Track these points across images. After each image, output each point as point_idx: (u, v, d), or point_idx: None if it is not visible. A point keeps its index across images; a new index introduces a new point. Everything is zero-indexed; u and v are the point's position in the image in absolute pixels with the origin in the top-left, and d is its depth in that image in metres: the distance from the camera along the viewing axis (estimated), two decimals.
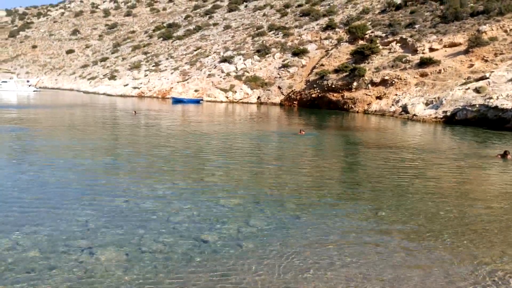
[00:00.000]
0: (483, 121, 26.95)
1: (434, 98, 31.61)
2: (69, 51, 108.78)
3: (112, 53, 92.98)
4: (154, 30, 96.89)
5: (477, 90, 29.07)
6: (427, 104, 31.78)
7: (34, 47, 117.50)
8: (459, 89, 30.49)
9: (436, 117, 29.78)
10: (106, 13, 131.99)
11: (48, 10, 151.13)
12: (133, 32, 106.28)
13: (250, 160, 15.83)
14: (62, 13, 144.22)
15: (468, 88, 29.91)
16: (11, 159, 14.86)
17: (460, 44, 36.97)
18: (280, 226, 8.73)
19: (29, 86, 75.47)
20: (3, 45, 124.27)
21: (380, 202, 10.54)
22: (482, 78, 30.26)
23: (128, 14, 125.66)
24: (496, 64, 32.38)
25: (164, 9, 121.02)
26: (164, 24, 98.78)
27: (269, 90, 49.13)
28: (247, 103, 48.38)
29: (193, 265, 6.99)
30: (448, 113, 29.13)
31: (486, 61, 33.73)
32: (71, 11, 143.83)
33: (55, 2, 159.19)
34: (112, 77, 71.84)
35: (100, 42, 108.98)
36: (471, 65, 34.11)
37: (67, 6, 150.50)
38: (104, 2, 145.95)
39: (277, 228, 8.62)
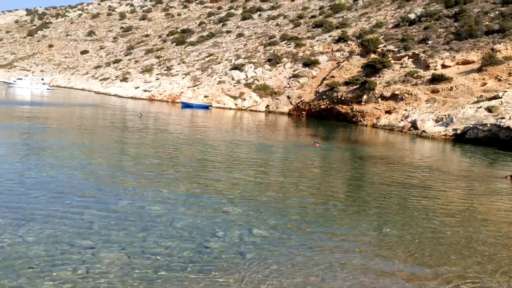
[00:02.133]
0: (494, 141, 26.63)
1: (445, 115, 31.39)
2: (84, 52, 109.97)
3: (126, 55, 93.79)
4: (168, 35, 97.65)
5: (489, 109, 28.82)
6: (437, 121, 31.57)
7: (50, 46, 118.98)
8: (470, 107, 30.26)
9: (445, 135, 29.55)
10: (122, 16, 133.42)
11: (67, 11, 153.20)
12: (147, 36, 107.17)
13: (257, 170, 15.82)
14: (80, 15, 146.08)
15: (480, 107, 29.66)
16: (21, 156, 14.98)
17: (473, 62, 36.75)
18: (283, 237, 8.69)
19: (43, 84, 76.28)
20: (21, 43, 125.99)
21: (386, 218, 10.45)
22: (495, 97, 30.00)
23: (143, 18, 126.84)
24: (510, 84, 32.09)
25: (179, 14, 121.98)
26: (178, 30, 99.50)
27: (278, 99, 49.18)
28: (256, 111, 48.43)
29: (194, 271, 6.98)
30: (459, 131, 28.90)
31: (500, 80, 33.46)
32: (88, 13, 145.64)
33: (74, 4, 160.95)
34: (124, 79, 72.39)
35: (114, 44, 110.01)
36: (484, 84, 33.86)
37: (84, 8, 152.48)
38: (120, 5, 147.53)
39: (280, 239, 8.58)
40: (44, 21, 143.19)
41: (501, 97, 29.53)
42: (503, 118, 27.12)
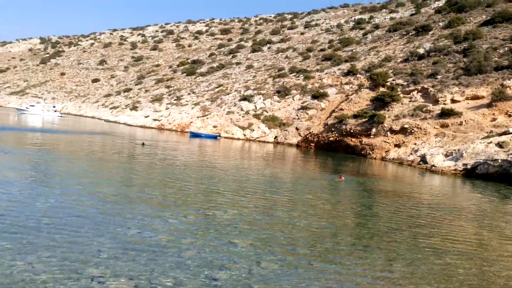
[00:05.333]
0: (505, 177, 26.25)
1: (454, 150, 31.21)
2: (95, 80, 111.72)
3: (136, 84, 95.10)
4: (178, 65, 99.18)
5: (499, 145, 28.63)
6: (446, 155, 31.36)
7: (62, 74, 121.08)
8: (480, 143, 30.09)
9: (455, 169, 29.28)
10: (134, 46, 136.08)
11: (79, 40, 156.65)
12: (158, 65, 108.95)
13: (266, 201, 15.71)
14: (92, 44, 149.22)
15: (490, 142, 29.49)
16: (30, 183, 15.01)
17: (483, 97, 36.80)
18: (292, 271, 8.54)
19: (55, 111, 77.20)
20: (34, 70, 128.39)
21: (395, 254, 10.26)
22: (505, 133, 29.84)
23: (154, 48, 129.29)
24: None
25: (190, 45, 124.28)
26: (189, 60, 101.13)
27: (286, 130, 49.33)
28: (264, 142, 48.52)
29: None
30: (469, 166, 28.62)
31: (510, 116, 33.37)
32: (100, 42, 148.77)
33: (87, 33, 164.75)
34: (134, 108, 73.16)
35: (125, 73, 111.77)
36: (494, 119, 33.79)
37: (97, 37, 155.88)
38: (132, 35, 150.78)
39: (289, 273, 8.42)
40: (57, 50, 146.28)
41: (511, 133, 29.37)
42: None
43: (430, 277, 8.81)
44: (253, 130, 50.64)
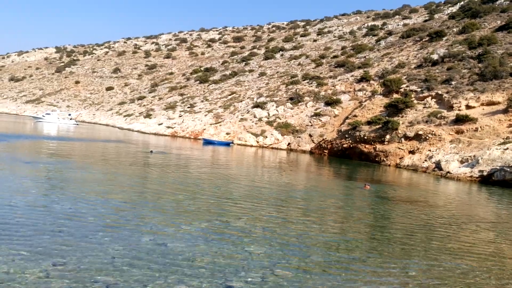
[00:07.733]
0: None
1: (470, 156, 30.82)
2: (109, 88, 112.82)
3: (150, 92, 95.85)
4: (191, 73, 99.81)
5: None
6: (462, 162, 30.98)
7: (77, 82, 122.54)
8: (497, 149, 29.67)
9: (471, 176, 28.89)
10: (147, 54, 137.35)
11: (94, 49, 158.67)
12: (171, 73, 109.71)
13: (280, 209, 15.63)
14: (106, 52, 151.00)
15: (507, 148, 29.06)
16: (46, 190, 15.14)
17: (499, 103, 36.36)
18: (306, 279, 8.45)
19: (70, 119, 78.00)
20: (49, 79, 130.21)
21: (411, 260, 10.11)
22: None
23: (167, 57, 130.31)
24: None
25: (203, 53, 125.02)
26: (202, 68, 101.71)
27: (299, 137, 49.23)
28: (277, 148, 48.45)
29: None
30: (485, 173, 28.23)
31: None
32: (114, 51, 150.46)
33: (101, 42, 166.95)
34: (148, 116, 73.70)
35: (139, 81, 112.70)
36: (510, 125, 33.32)
37: (111, 46, 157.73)
38: (146, 43, 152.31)
39: (303, 281, 8.33)
40: (72, 58, 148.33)
41: None
42: None
43: (447, 284, 8.65)
44: (266, 137, 50.65)
